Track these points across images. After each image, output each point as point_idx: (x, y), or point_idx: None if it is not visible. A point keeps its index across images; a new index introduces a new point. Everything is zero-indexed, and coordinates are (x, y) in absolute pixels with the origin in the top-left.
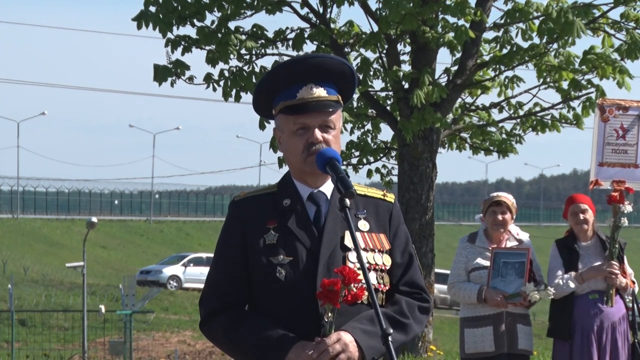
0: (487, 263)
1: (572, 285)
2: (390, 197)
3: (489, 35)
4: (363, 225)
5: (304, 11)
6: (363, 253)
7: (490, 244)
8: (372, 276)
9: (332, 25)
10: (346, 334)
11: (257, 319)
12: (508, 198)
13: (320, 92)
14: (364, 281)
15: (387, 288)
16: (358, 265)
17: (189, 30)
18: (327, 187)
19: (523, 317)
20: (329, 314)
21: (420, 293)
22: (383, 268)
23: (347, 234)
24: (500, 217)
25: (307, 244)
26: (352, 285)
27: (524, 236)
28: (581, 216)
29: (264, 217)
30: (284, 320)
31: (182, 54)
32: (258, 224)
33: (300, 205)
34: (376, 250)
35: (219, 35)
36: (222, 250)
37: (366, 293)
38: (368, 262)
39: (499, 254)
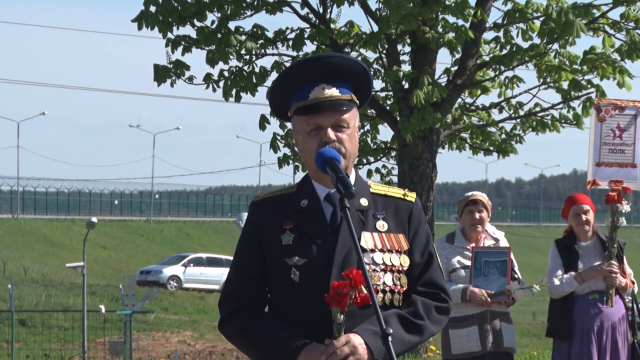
0: (467, 263)
1: (571, 285)
2: (411, 197)
3: (489, 35)
4: (381, 225)
5: (304, 11)
6: (379, 254)
7: (469, 243)
8: (388, 277)
9: (332, 26)
10: (355, 336)
11: (270, 320)
12: (483, 196)
13: (332, 91)
14: (378, 283)
15: (404, 289)
16: (373, 267)
17: (189, 31)
18: None
19: (505, 316)
20: (339, 317)
21: (438, 293)
22: (400, 269)
23: (364, 235)
24: (477, 215)
25: (322, 245)
26: (361, 287)
27: (500, 235)
28: (583, 217)
29: (281, 217)
30: (298, 322)
31: (182, 54)
32: (276, 224)
33: (317, 206)
34: (393, 251)
35: (219, 35)
36: (241, 251)
37: (382, 295)
38: (384, 263)
39: (480, 253)
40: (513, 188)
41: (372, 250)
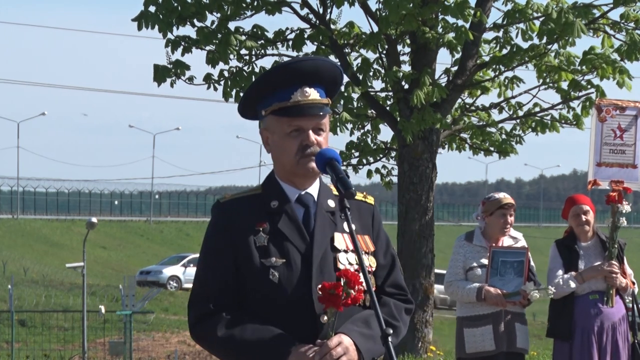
0: (485, 262)
1: (572, 285)
2: (371, 200)
3: (489, 35)
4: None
5: (304, 12)
6: (351, 255)
7: (488, 242)
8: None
9: (332, 26)
10: (346, 337)
11: (253, 322)
12: (513, 200)
13: (314, 94)
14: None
15: (374, 289)
16: (349, 267)
17: (189, 31)
18: (314, 189)
19: (520, 316)
20: (330, 317)
21: (405, 294)
22: (369, 269)
23: (337, 236)
24: (509, 219)
25: (299, 246)
26: (355, 288)
27: (518, 235)
28: (583, 217)
29: (252, 218)
30: (277, 322)
31: (182, 54)
32: (246, 225)
33: (288, 207)
34: (363, 252)
35: (219, 35)
36: (210, 252)
37: (363, 295)
38: (357, 264)
39: (498, 252)
40: (513, 188)
41: (345, 251)
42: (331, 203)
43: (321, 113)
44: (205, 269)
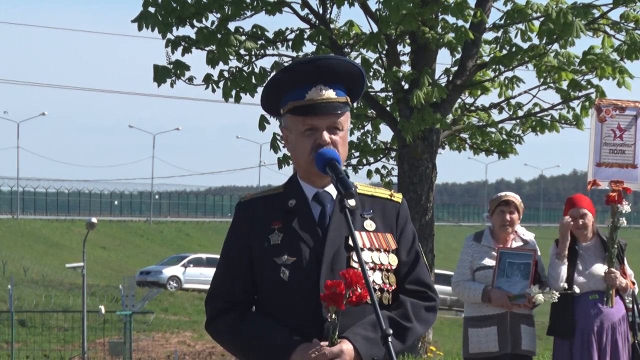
0: (492, 263)
1: (558, 266)
2: (398, 197)
3: (489, 35)
4: (369, 225)
5: (303, 12)
6: (368, 253)
7: (496, 243)
8: (377, 276)
9: (332, 26)
10: (348, 347)
11: (260, 319)
12: (516, 198)
13: (329, 93)
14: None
15: (392, 288)
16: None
17: (189, 31)
18: (333, 187)
19: (527, 318)
20: (333, 316)
21: (426, 291)
22: (389, 268)
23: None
24: (508, 216)
25: (311, 244)
26: (355, 287)
27: (530, 236)
28: (580, 221)
29: (269, 217)
30: (288, 321)
31: (182, 54)
32: (264, 224)
33: (305, 206)
34: (382, 250)
35: (219, 36)
36: (229, 250)
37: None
38: (373, 262)
39: (505, 254)
40: (513, 189)
41: (361, 249)
42: (351, 201)
43: (339, 112)
44: (222, 267)
